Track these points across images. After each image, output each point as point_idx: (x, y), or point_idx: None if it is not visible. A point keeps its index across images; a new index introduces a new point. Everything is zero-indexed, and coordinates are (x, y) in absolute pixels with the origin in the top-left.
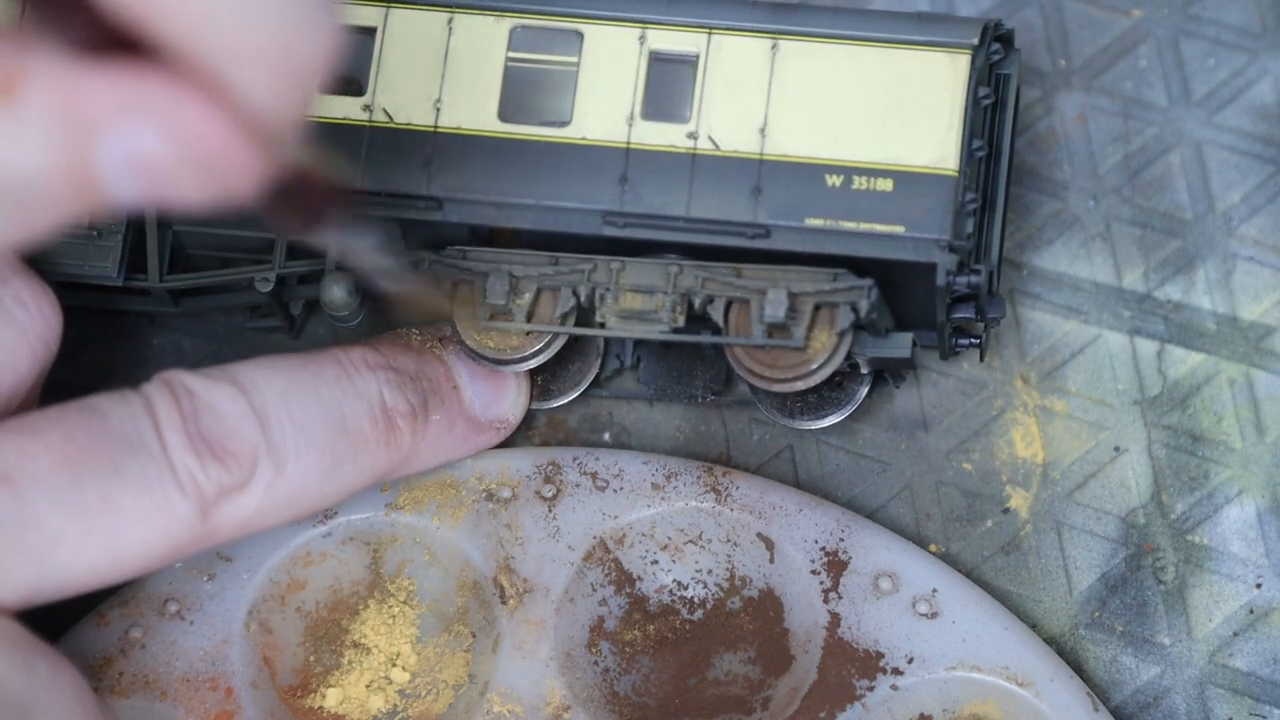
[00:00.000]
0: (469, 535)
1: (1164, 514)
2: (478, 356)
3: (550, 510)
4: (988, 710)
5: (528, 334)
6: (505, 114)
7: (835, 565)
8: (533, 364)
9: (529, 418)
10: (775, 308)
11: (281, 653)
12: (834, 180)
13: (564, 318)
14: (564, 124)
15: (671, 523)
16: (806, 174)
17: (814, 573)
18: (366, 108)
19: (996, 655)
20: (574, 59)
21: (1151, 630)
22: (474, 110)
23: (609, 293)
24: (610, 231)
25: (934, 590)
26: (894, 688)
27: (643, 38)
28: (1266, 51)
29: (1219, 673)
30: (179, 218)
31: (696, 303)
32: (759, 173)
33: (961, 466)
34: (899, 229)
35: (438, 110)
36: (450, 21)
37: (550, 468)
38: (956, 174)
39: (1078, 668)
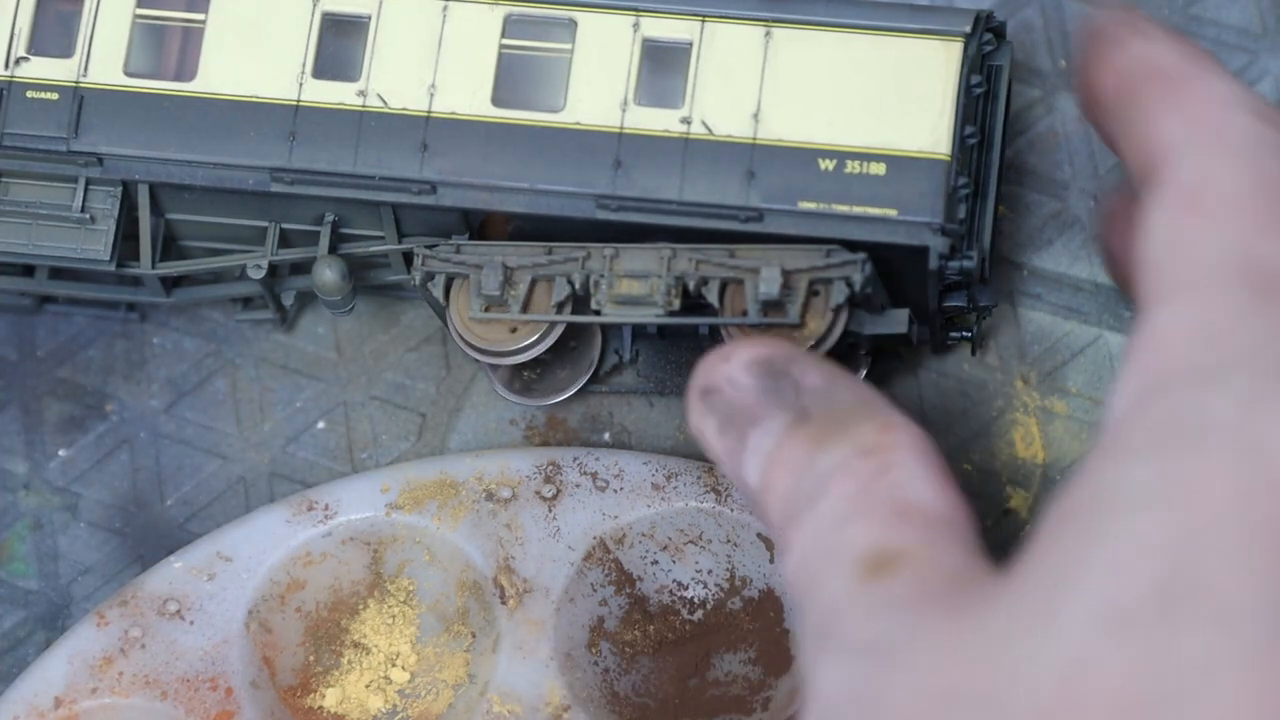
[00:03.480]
0: (469, 535)
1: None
2: (474, 350)
3: (550, 510)
4: None
5: (524, 325)
6: (499, 99)
7: None
8: (530, 355)
9: (530, 417)
10: (769, 285)
11: (281, 653)
12: (827, 164)
13: (559, 307)
14: (558, 109)
15: (672, 523)
16: (800, 158)
17: None
18: (360, 93)
19: None
20: (568, 46)
21: None
22: (468, 95)
23: (603, 279)
24: (604, 215)
25: None
26: None
27: (636, 25)
28: (1267, 52)
29: None
30: (171, 205)
31: (691, 285)
32: (752, 157)
33: (961, 467)
34: (892, 212)
35: (431, 95)
36: (445, 9)
37: (550, 468)
38: (949, 158)
39: None
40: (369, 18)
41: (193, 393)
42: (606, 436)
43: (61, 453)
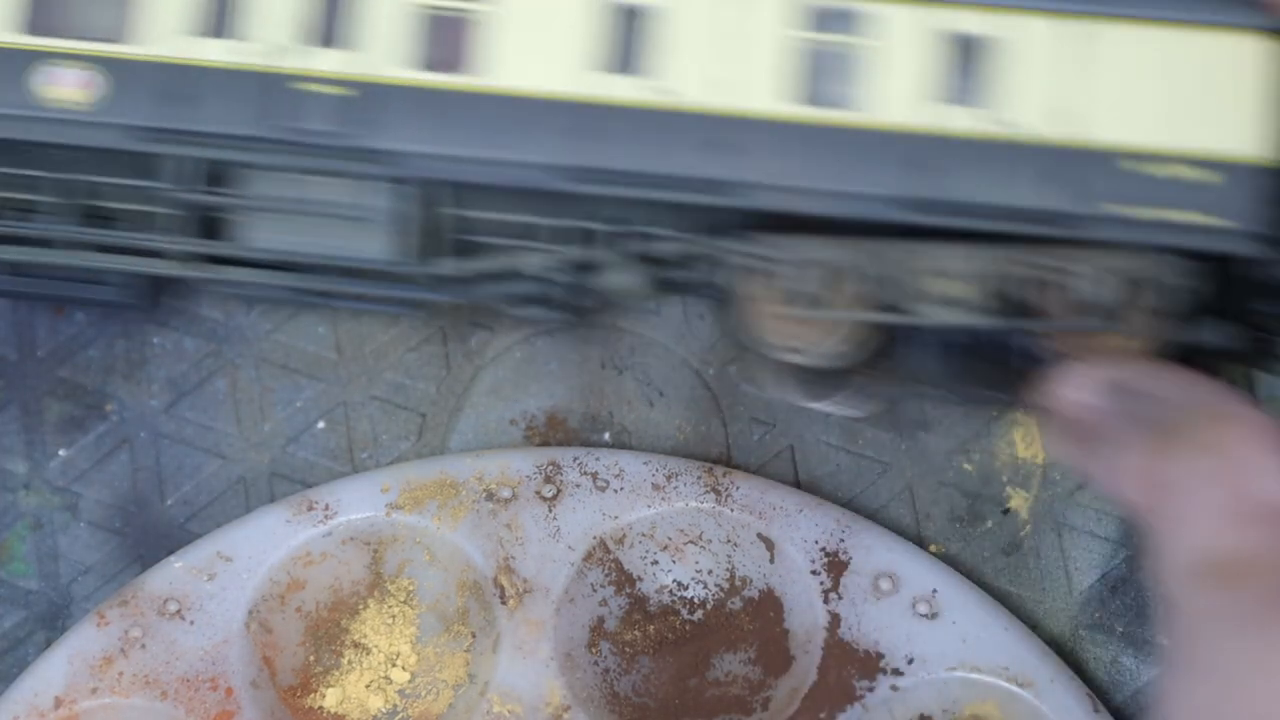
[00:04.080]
0: (469, 535)
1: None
2: (778, 349)
3: (550, 510)
4: (988, 711)
5: (828, 325)
6: (799, 97)
7: (835, 566)
8: (833, 356)
9: (530, 417)
10: (1096, 288)
11: (281, 653)
12: (1135, 166)
13: (870, 306)
14: (859, 108)
15: (672, 523)
16: (1106, 160)
17: (814, 573)
18: (656, 89)
19: (997, 656)
20: (870, 41)
21: (1151, 631)
22: (766, 93)
23: (918, 279)
24: (906, 218)
25: (934, 591)
26: (894, 688)
27: (941, 20)
28: None
29: None
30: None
31: (1009, 288)
32: (1058, 158)
33: (962, 467)
34: (1207, 219)
35: (729, 92)
36: None
37: (550, 468)
38: (1271, 163)
39: (1078, 668)
40: (661, 9)
41: (193, 393)
42: (606, 436)
43: (61, 452)
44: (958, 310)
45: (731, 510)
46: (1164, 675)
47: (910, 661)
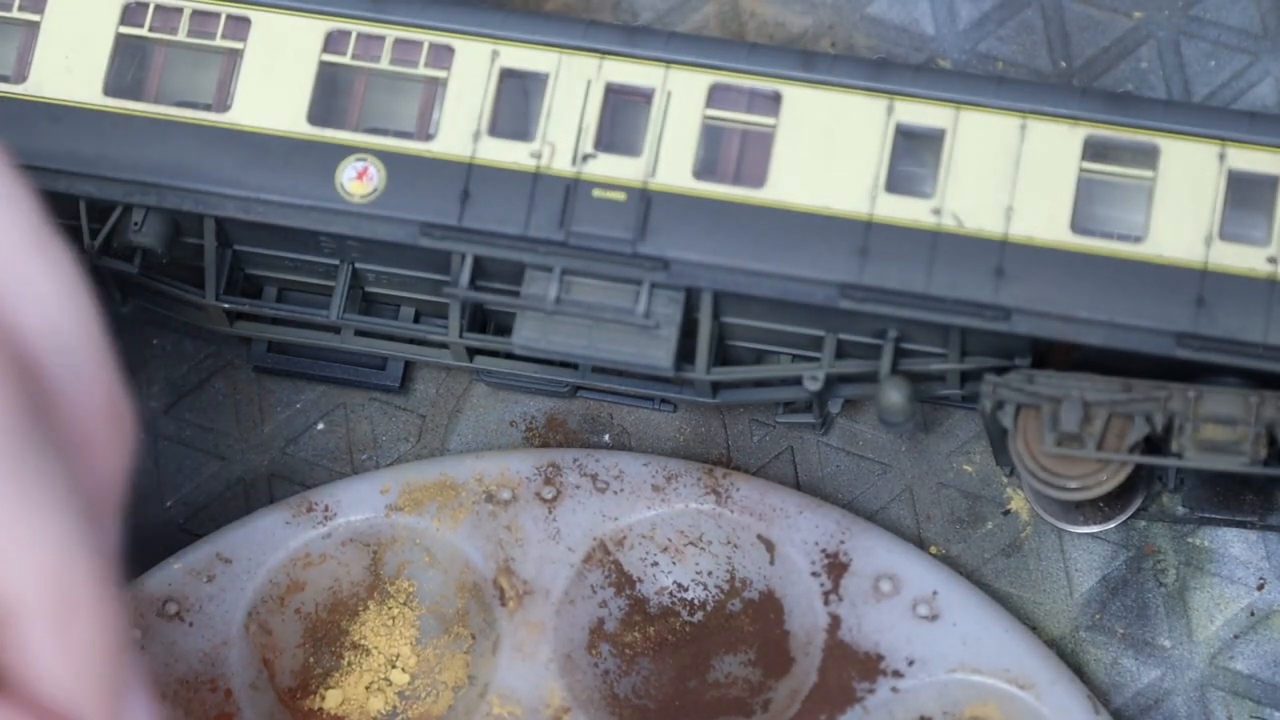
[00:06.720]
0: (469, 537)
1: (1165, 515)
2: (1043, 484)
3: (550, 512)
4: (988, 713)
5: (1097, 463)
6: (1076, 225)
7: (836, 567)
8: (1098, 493)
9: (530, 419)
10: None
11: (281, 654)
12: None
13: (1134, 447)
14: (1139, 240)
15: (672, 524)
16: None
17: (814, 575)
18: (935, 211)
19: (997, 657)
20: (1149, 173)
21: (1152, 633)
22: (1045, 220)
23: (1187, 423)
24: (1184, 354)
25: (934, 592)
26: (894, 690)
27: (1222, 155)
28: (1267, 53)
29: (1220, 675)
30: None
31: None
32: None
33: (962, 468)
34: None
35: (1008, 218)
36: (1023, 126)
37: (550, 469)
38: None
39: (1079, 670)
40: (944, 132)
41: (192, 393)
42: (606, 438)
43: None
44: (1228, 457)
45: (731, 512)
46: None
47: (911, 663)
